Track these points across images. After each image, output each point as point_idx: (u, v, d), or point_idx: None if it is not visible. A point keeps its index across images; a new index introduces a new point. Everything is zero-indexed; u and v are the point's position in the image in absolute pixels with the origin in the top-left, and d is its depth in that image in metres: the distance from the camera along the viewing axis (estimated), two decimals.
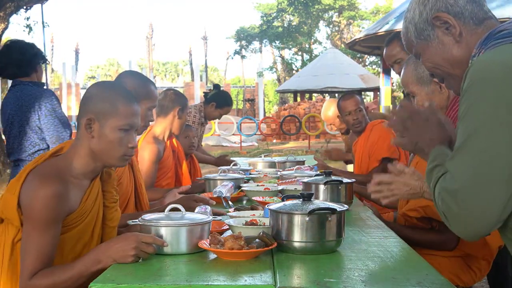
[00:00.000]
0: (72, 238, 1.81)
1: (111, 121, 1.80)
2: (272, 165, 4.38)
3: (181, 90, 30.71)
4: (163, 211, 1.88)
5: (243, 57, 36.62)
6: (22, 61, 3.34)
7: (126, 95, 1.86)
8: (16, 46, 3.38)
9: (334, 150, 4.72)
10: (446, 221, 1.24)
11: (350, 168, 4.75)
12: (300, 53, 37.38)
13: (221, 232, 2.01)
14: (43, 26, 10.69)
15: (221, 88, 4.83)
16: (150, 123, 2.68)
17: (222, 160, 4.61)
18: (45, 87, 3.50)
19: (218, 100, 4.69)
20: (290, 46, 36.21)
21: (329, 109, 4.58)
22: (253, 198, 2.77)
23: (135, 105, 1.87)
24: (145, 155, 3.18)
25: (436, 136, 1.45)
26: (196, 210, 2.18)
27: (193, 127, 4.06)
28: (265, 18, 30.75)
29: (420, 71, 2.04)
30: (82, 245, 1.85)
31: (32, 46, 3.45)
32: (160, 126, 3.39)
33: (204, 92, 4.88)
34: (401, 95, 12.53)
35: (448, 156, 1.29)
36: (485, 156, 1.15)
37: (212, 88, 4.82)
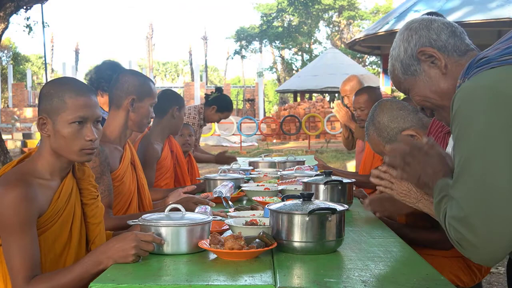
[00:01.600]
0: (49, 238, 1.79)
1: (61, 116, 1.78)
2: (272, 165, 4.38)
3: (181, 90, 30.80)
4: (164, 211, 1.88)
5: (243, 57, 36.64)
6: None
7: (74, 88, 1.81)
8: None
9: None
10: (460, 249, 1.22)
11: (350, 167, 4.72)
12: (300, 53, 37.39)
13: (221, 232, 2.01)
14: (43, 26, 10.70)
15: (223, 91, 4.81)
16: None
17: (222, 157, 4.59)
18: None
19: (219, 104, 4.65)
20: (290, 46, 36.22)
21: (349, 83, 4.49)
22: (253, 198, 2.77)
23: (86, 97, 1.82)
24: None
25: (438, 169, 1.43)
26: (196, 210, 2.18)
27: (191, 126, 4.05)
28: (265, 18, 30.74)
29: (384, 134, 2.08)
30: (62, 245, 1.83)
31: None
32: (158, 126, 3.39)
33: (205, 94, 4.82)
34: (401, 95, 12.53)
35: (447, 187, 1.30)
36: (486, 179, 1.15)
37: (214, 91, 4.77)
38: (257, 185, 3.08)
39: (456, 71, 1.41)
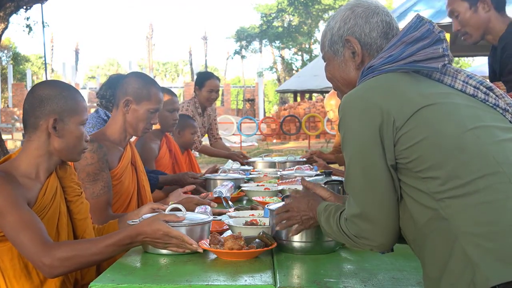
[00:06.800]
0: None
1: (75, 118, 1.85)
2: (272, 165, 4.38)
3: (181, 90, 30.75)
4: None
5: (243, 57, 36.65)
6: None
7: (78, 92, 1.92)
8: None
9: (317, 152, 4.26)
10: (358, 241, 1.36)
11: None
12: (300, 53, 37.40)
13: (221, 232, 2.01)
14: (43, 26, 10.70)
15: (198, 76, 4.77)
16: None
17: (235, 156, 4.60)
18: None
19: (198, 82, 4.67)
20: (290, 46, 36.23)
21: (333, 97, 4.50)
22: (253, 198, 2.77)
23: (85, 101, 1.94)
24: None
25: (312, 199, 1.62)
26: (196, 210, 2.18)
27: (194, 121, 3.98)
28: (265, 18, 30.75)
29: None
30: None
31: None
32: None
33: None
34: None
35: (331, 205, 1.49)
36: (367, 177, 1.30)
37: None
38: (257, 185, 3.08)
39: None
